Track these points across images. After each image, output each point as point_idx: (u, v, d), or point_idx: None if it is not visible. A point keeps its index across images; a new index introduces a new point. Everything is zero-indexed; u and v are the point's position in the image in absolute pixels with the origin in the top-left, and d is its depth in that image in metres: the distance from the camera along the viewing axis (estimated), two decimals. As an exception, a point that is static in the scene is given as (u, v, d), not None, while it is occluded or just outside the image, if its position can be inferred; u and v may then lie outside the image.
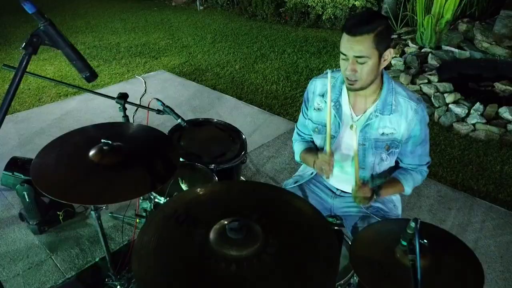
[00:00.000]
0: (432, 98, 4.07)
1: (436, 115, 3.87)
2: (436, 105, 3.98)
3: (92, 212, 1.69)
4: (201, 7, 8.48)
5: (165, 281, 0.79)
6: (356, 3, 6.58)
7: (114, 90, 4.50)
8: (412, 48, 5.20)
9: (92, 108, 4.07)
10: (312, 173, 1.71)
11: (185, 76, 4.92)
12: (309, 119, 1.66)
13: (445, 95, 4.04)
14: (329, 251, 0.87)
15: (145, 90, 4.38)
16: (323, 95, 1.60)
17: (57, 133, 3.49)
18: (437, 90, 4.16)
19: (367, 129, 1.50)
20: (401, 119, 1.48)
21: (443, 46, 5.05)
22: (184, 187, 1.62)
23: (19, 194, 2.15)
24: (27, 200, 2.17)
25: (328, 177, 1.51)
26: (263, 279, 0.79)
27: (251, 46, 5.97)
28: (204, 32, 6.75)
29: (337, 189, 1.68)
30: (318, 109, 1.61)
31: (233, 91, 4.45)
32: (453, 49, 4.96)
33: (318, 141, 1.66)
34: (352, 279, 1.31)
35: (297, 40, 6.14)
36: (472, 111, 3.78)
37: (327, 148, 1.45)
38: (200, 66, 5.25)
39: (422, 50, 5.07)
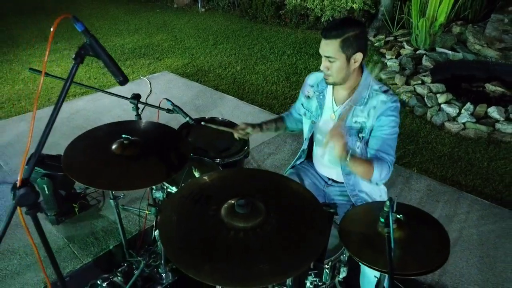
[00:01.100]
0: (425, 98, 4.28)
1: (428, 114, 4.07)
2: (429, 105, 4.18)
3: (111, 201, 1.89)
4: (203, 9, 8.68)
5: (186, 246, 0.99)
6: (354, 5, 6.77)
7: (121, 90, 4.68)
8: (407, 50, 5.40)
9: (100, 107, 4.27)
10: (303, 162, 1.94)
11: (188, 77, 5.12)
12: (301, 103, 1.87)
13: (438, 95, 4.24)
14: (320, 222, 1.07)
15: (151, 91, 4.57)
16: (313, 86, 1.80)
17: (68, 131, 3.70)
18: (430, 90, 4.36)
19: (351, 120, 1.69)
20: (370, 108, 1.65)
21: (437, 48, 5.25)
22: (197, 175, 1.81)
23: (39, 187, 2.35)
24: (47, 192, 2.37)
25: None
26: (265, 244, 0.98)
27: (252, 47, 6.17)
28: (206, 34, 6.94)
29: (328, 179, 1.88)
30: (308, 96, 1.82)
31: (235, 92, 4.65)
32: (446, 51, 5.16)
33: (305, 125, 1.86)
34: (341, 256, 1.50)
35: (296, 42, 6.34)
36: (463, 110, 3.98)
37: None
38: (202, 67, 5.45)
39: (417, 52, 5.27)
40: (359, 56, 1.59)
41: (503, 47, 4.75)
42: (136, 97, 2.17)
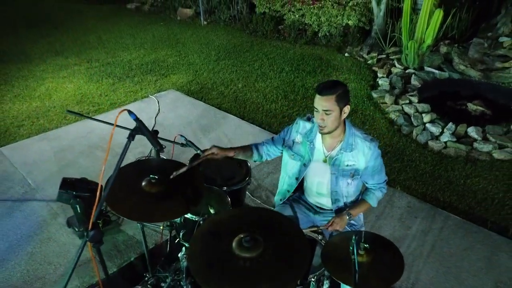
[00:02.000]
0: (412, 117, 4.69)
1: (414, 133, 4.47)
2: (415, 124, 4.59)
3: (138, 224, 2.30)
4: (205, 22, 9.08)
5: (207, 270, 1.39)
6: (349, 22, 7.18)
7: (131, 108, 5.09)
8: (398, 68, 5.81)
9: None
10: (295, 194, 2.34)
11: (193, 95, 5.53)
12: (288, 145, 2.23)
13: (423, 115, 4.65)
14: (304, 250, 1.47)
15: (159, 110, 4.98)
16: (305, 134, 2.18)
17: (86, 150, 4.08)
18: (417, 110, 4.77)
19: (336, 162, 2.10)
20: (359, 154, 2.08)
21: (425, 67, 5.66)
22: (211, 210, 2.19)
23: (73, 206, 2.76)
24: (79, 211, 2.78)
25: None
26: (265, 269, 1.38)
27: (252, 64, 6.57)
28: (209, 49, 7.35)
29: (317, 207, 2.29)
30: (297, 142, 2.21)
31: (237, 110, 5.06)
32: (434, 70, 5.57)
33: (291, 165, 2.24)
34: (325, 272, 1.91)
35: (294, 58, 6.74)
36: (445, 130, 4.39)
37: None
38: (206, 85, 5.85)
39: (407, 71, 5.68)
40: (347, 108, 2.00)
41: (484, 68, 5.16)
42: (155, 133, 2.57)
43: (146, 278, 2.15)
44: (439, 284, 2.63)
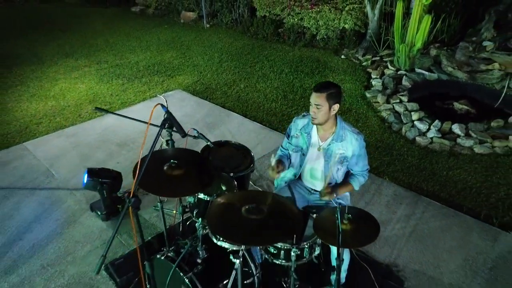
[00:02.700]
0: (401, 115, 5.10)
1: (403, 130, 4.89)
2: (404, 122, 5.01)
3: (158, 203, 2.71)
4: (208, 25, 9.50)
5: (223, 227, 1.81)
6: (346, 26, 7.59)
7: (140, 108, 5.52)
8: (390, 70, 6.23)
9: (126, 124, 5.07)
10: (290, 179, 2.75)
11: (198, 94, 5.95)
12: (289, 142, 2.67)
13: (412, 113, 5.07)
14: (296, 218, 1.89)
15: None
16: (302, 128, 2.60)
17: (101, 145, 4.50)
18: (406, 109, 5.19)
19: (328, 151, 2.52)
20: (348, 144, 2.49)
21: (416, 69, 6.08)
22: (223, 187, 2.60)
23: (100, 191, 3.18)
24: (105, 195, 3.19)
25: (273, 177, 2.53)
26: (266, 227, 1.80)
27: (254, 65, 6.99)
28: (212, 51, 7.77)
29: (311, 189, 2.70)
30: (296, 137, 2.62)
31: (240, 109, 5.48)
32: (424, 71, 5.99)
33: (294, 157, 2.67)
34: (317, 240, 2.31)
35: (293, 60, 7.16)
36: (431, 127, 4.81)
37: (272, 163, 2.47)
38: (210, 85, 6.28)
39: (399, 72, 6.10)
40: (336, 106, 2.42)
41: (470, 70, 5.58)
42: (170, 127, 2.97)
43: (165, 250, 2.55)
44: (417, 259, 3.04)
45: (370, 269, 2.90)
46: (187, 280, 2.18)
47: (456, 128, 4.71)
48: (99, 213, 3.43)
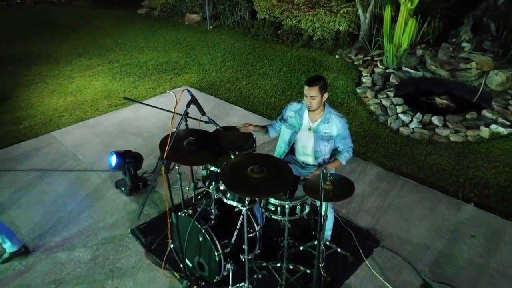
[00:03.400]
0: (388, 109, 5.72)
1: (388, 121, 5.50)
2: (390, 114, 5.62)
3: (177, 175, 3.31)
4: (211, 27, 10.13)
5: (232, 182, 2.42)
6: (340, 27, 8.22)
7: (153, 102, 6.12)
8: (380, 68, 6.85)
9: (140, 117, 5.71)
10: (288, 156, 3.36)
11: (204, 90, 6.56)
12: (284, 119, 3.27)
13: (397, 107, 5.69)
14: (288, 174, 2.51)
15: (177, 102, 5.99)
16: (296, 111, 3.20)
17: (119, 134, 5.16)
18: (392, 103, 5.80)
19: (317, 131, 3.12)
20: (333, 125, 3.09)
21: (403, 67, 6.70)
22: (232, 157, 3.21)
23: (127, 169, 3.79)
24: (132, 173, 3.81)
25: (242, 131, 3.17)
26: (264, 182, 2.42)
27: (254, 64, 7.61)
28: (215, 51, 8.39)
29: (303, 163, 3.31)
30: (290, 117, 3.23)
31: (242, 103, 6.09)
32: (410, 70, 6.61)
33: (286, 133, 3.27)
34: (306, 200, 2.92)
35: (291, 59, 7.78)
36: (414, 118, 5.42)
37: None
38: (215, 82, 6.89)
39: (387, 71, 6.72)
40: (326, 95, 3.02)
41: (451, 68, 6.20)
42: (186, 114, 3.58)
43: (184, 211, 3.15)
44: (392, 225, 3.65)
45: (352, 233, 3.51)
46: (203, 231, 2.80)
47: (435, 120, 5.32)
48: (123, 189, 4.04)
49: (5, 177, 4.36)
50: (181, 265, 3.05)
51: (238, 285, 2.86)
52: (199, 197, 3.97)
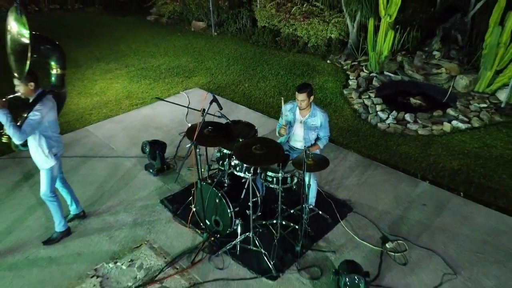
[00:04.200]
0: (369, 107, 6.81)
1: (369, 118, 6.59)
2: (370, 112, 6.71)
3: (198, 156, 4.41)
4: (215, 33, 11.22)
5: (241, 156, 3.52)
6: (332, 35, 9.31)
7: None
8: (364, 72, 7.95)
9: (158, 114, 6.79)
10: (286, 140, 4.44)
11: (212, 92, 7.63)
12: (283, 118, 4.36)
13: (377, 106, 6.78)
14: (281, 153, 3.60)
15: (189, 102, 7.09)
16: (289, 110, 4.29)
17: (142, 128, 6.36)
18: (373, 102, 6.90)
19: (306, 123, 4.21)
20: (318, 119, 4.18)
21: (384, 72, 7.79)
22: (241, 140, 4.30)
23: (158, 155, 4.88)
24: (159, 157, 4.90)
25: (282, 134, 4.22)
26: (265, 156, 3.50)
27: (255, 68, 8.70)
28: (220, 56, 9.48)
29: (294, 147, 4.40)
30: (286, 115, 4.32)
31: (245, 102, 7.18)
32: (390, 74, 7.71)
33: (283, 122, 4.37)
34: (295, 173, 3.99)
35: (288, 64, 8.87)
36: (390, 116, 6.51)
37: (283, 125, 4.17)
38: (221, 84, 7.98)
39: (371, 74, 7.82)
40: (312, 97, 4.11)
41: (425, 73, 7.29)
42: (202, 111, 4.67)
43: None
44: (364, 197, 4.73)
45: (332, 202, 4.59)
46: (219, 194, 3.89)
47: (407, 117, 6.42)
48: (151, 170, 5.14)
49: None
50: (201, 224, 4.15)
51: (244, 235, 3.94)
52: (212, 175, 5.07)
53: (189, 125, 5.05)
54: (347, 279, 3.22)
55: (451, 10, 8.34)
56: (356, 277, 3.20)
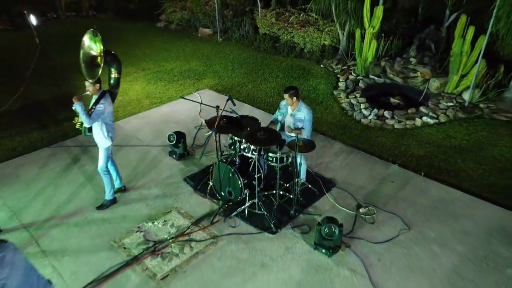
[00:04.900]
0: (354, 106, 8.12)
1: (354, 115, 7.89)
2: (356, 110, 8.02)
3: (216, 142, 5.72)
4: (221, 39, 12.53)
5: (249, 138, 4.81)
6: (325, 42, 10.63)
7: (183, 101, 8.50)
8: (352, 75, 9.26)
9: (176, 111, 8.09)
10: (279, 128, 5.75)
11: (220, 92, 8.95)
12: (280, 109, 5.65)
13: (361, 104, 8.09)
14: (278, 137, 4.90)
15: (201, 101, 8.39)
16: (284, 105, 5.59)
17: (162, 123, 7.83)
18: (358, 102, 8.21)
19: (294, 116, 5.50)
20: (302, 113, 5.46)
21: (369, 75, 9.10)
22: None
23: (180, 143, 6.18)
24: (181, 145, 6.21)
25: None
26: (266, 140, 4.80)
27: (257, 72, 10.01)
28: (226, 61, 10.79)
29: (289, 135, 5.69)
30: (280, 108, 5.61)
31: (249, 102, 8.48)
32: (374, 77, 9.02)
33: (280, 117, 5.66)
34: (290, 154, 5.28)
35: (286, 68, 10.18)
36: (371, 113, 7.82)
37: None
38: (227, 86, 9.29)
39: (358, 77, 9.13)
40: (295, 97, 5.41)
41: (404, 76, 8.60)
42: (217, 107, 5.97)
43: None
44: (345, 176, 6.02)
45: (320, 180, 5.89)
46: (232, 170, 5.19)
47: (386, 114, 7.72)
48: (174, 156, 6.44)
49: (92, 151, 6.74)
50: (217, 195, 5.46)
51: (251, 201, 5.23)
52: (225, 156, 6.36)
53: (203, 120, 6.34)
54: (326, 227, 4.52)
55: (430, 21, 9.69)
56: (332, 226, 4.50)
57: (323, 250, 4.65)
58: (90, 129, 5.02)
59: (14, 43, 12.62)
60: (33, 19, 8.00)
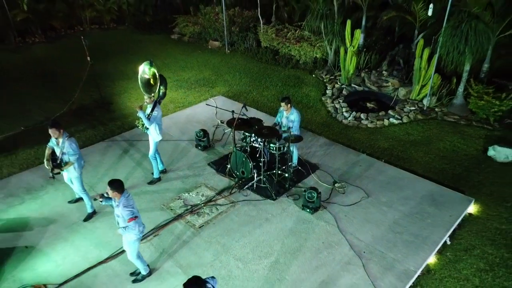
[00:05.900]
0: (338, 109, 10.44)
1: (337, 116, 10.20)
2: (339, 112, 10.33)
3: (229, 133, 8.03)
4: (228, 51, 14.83)
5: (257, 132, 7.14)
6: (317, 55, 12.94)
7: (202, 105, 10.79)
8: (338, 84, 11.58)
9: (197, 113, 10.40)
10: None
11: (231, 98, 11.25)
12: (278, 115, 7.96)
13: (343, 108, 10.42)
14: (277, 132, 7.19)
15: (216, 106, 10.69)
16: (281, 110, 7.89)
17: (186, 123, 10.39)
18: (341, 106, 10.53)
19: (288, 118, 7.77)
20: (293, 116, 7.74)
21: (352, 84, 11.42)
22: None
23: (204, 137, 8.48)
24: (205, 139, 8.51)
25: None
26: (268, 134, 7.10)
27: (260, 80, 12.31)
28: (234, 71, 13.10)
29: (283, 131, 7.98)
30: (279, 112, 7.91)
31: (254, 106, 10.78)
32: (356, 86, 11.34)
33: (279, 119, 7.96)
34: (285, 144, 7.56)
35: (284, 77, 12.49)
36: (351, 115, 10.13)
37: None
38: (236, 93, 11.59)
39: (342, 86, 11.45)
40: (290, 104, 7.71)
41: (378, 85, 10.92)
42: (232, 112, 8.26)
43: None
44: (326, 161, 8.32)
45: (308, 164, 8.19)
46: (245, 155, 7.49)
47: (362, 115, 10.04)
48: (199, 148, 8.75)
49: (136, 145, 9.02)
50: (234, 174, 7.76)
51: (258, 178, 7.52)
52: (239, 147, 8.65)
53: (219, 121, 8.70)
54: (308, 193, 6.82)
55: (403, 38, 12.03)
56: (313, 192, 6.81)
57: (308, 210, 6.96)
58: (147, 128, 7.32)
59: (51, 54, 14.89)
60: (86, 42, 10.23)
